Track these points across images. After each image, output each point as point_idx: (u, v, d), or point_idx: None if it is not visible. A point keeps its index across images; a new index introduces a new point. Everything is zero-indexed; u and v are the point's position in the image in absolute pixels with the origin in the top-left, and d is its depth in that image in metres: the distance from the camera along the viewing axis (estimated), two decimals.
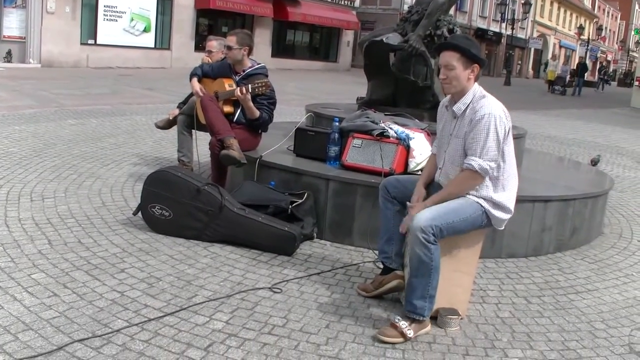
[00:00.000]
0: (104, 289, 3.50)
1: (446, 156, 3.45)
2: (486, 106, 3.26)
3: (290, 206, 4.53)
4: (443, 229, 3.18)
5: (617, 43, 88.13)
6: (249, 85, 5.04)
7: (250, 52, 5.35)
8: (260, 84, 5.04)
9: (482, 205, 3.32)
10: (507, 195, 3.39)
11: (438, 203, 3.31)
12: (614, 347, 3.33)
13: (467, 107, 3.33)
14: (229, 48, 5.26)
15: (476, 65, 3.33)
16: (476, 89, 3.36)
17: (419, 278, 3.20)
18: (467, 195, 3.33)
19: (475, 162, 3.23)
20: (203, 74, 5.58)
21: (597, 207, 5.35)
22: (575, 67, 35.67)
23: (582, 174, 6.64)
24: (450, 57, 3.31)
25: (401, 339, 3.17)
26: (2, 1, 20.09)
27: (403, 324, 3.18)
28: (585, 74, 35.55)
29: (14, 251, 3.94)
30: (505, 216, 3.42)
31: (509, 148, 3.38)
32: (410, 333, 3.18)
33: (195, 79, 5.51)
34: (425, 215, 3.19)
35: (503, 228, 3.52)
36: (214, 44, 6.36)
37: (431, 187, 3.54)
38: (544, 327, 3.53)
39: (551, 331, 3.47)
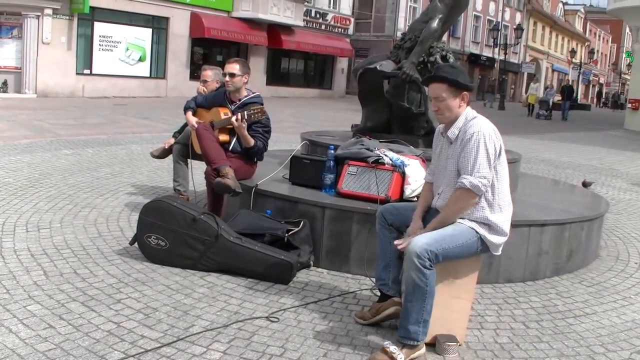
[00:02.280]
0: (100, 320, 3.48)
1: (445, 182, 3.46)
2: (475, 125, 3.32)
3: (286, 234, 4.52)
4: (439, 254, 3.19)
5: (609, 66, 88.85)
6: (245, 112, 5.05)
7: (247, 80, 5.39)
8: (256, 110, 5.06)
9: (477, 232, 3.33)
10: (503, 217, 3.40)
11: (437, 228, 3.33)
12: None
13: (460, 131, 3.37)
14: (233, 75, 5.26)
15: (465, 92, 3.38)
16: (467, 112, 3.41)
17: (414, 302, 3.20)
18: (462, 221, 3.34)
19: (467, 179, 3.25)
20: (197, 105, 5.62)
21: (593, 230, 5.36)
22: (561, 90, 34.14)
23: (578, 197, 6.66)
24: (438, 89, 3.37)
25: None
26: None
27: (393, 349, 3.17)
28: (573, 96, 34.58)
29: (10, 282, 3.92)
30: (501, 240, 3.42)
31: (503, 169, 3.40)
32: (400, 358, 3.16)
33: (189, 113, 5.55)
34: (421, 241, 3.20)
35: (500, 253, 3.52)
36: (209, 73, 6.39)
37: (428, 215, 3.54)
38: (542, 352, 3.51)
39: (550, 356, 3.46)
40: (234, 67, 5.26)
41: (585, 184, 7.82)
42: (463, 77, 3.41)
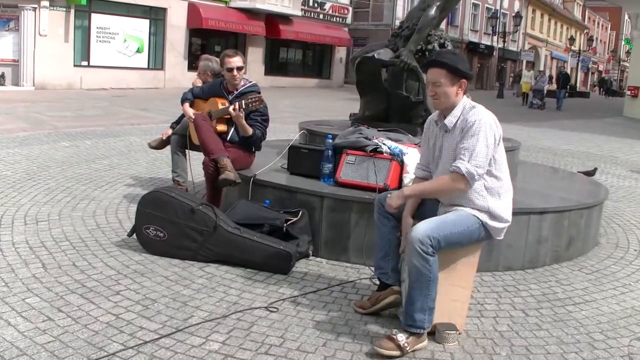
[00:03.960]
0: (99, 311, 3.47)
1: (438, 171, 3.44)
2: (476, 114, 3.29)
3: (285, 224, 4.52)
4: (441, 240, 3.18)
5: (608, 53, 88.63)
6: (243, 101, 5.04)
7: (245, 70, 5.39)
8: (254, 99, 5.05)
9: (478, 218, 3.32)
10: (503, 204, 3.39)
11: (415, 194, 3.42)
12: (613, 358, 3.32)
13: (458, 120, 3.34)
14: (240, 68, 5.26)
15: (464, 80, 3.35)
16: (465, 101, 3.38)
17: (418, 290, 3.19)
18: (464, 209, 3.33)
19: (463, 165, 3.21)
20: (194, 96, 5.60)
21: (592, 217, 5.35)
22: (556, 78, 32.60)
23: (577, 185, 6.64)
24: (437, 74, 3.34)
25: (398, 352, 3.14)
26: None
27: (400, 337, 3.16)
28: (568, 84, 33.17)
29: (8, 275, 3.91)
30: (503, 225, 3.42)
31: (502, 156, 3.38)
32: (407, 347, 3.15)
33: (186, 104, 5.53)
34: (422, 227, 3.18)
35: (502, 237, 3.51)
36: (200, 64, 6.46)
37: (422, 207, 3.51)
38: (542, 339, 3.51)
39: (550, 344, 3.46)
40: (240, 60, 5.24)
41: (587, 173, 7.79)
42: (463, 65, 3.37)
